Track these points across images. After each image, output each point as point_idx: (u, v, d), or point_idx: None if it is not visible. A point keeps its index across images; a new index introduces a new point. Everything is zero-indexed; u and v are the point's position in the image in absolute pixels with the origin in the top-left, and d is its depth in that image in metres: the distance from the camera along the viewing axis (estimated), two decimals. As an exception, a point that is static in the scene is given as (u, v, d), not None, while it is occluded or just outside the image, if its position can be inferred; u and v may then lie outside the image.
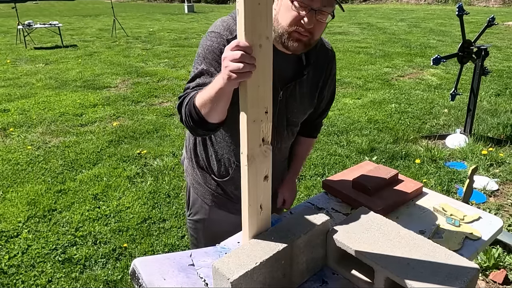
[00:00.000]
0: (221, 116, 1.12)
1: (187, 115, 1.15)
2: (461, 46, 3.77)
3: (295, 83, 1.28)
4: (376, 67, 7.44)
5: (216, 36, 1.19)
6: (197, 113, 1.11)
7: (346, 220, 1.15)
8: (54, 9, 26.37)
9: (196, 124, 1.14)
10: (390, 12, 18.68)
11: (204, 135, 1.31)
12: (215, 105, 1.06)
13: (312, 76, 1.32)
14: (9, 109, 5.27)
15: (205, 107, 1.09)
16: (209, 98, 1.05)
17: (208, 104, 1.07)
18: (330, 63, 1.37)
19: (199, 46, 1.24)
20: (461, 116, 4.68)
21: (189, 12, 21.50)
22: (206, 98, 1.07)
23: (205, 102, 1.08)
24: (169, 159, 3.76)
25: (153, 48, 9.98)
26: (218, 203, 1.47)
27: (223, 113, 1.10)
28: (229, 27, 1.19)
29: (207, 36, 1.22)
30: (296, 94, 1.30)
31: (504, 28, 11.84)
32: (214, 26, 1.23)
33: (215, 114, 1.09)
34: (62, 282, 2.27)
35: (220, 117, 1.12)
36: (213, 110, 1.08)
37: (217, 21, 1.24)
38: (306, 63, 1.29)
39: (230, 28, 1.19)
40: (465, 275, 0.93)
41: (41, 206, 3.00)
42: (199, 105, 1.10)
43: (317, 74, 1.34)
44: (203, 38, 1.24)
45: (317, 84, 1.36)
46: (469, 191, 1.75)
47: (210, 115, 1.10)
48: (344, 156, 3.79)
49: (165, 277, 1.03)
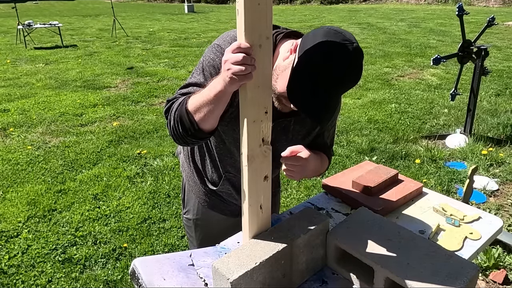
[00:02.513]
0: (214, 123, 1.07)
1: (176, 120, 1.09)
2: (461, 46, 3.77)
3: (291, 119, 1.22)
4: (376, 67, 7.44)
5: (220, 51, 1.14)
6: (189, 118, 1.06)
7: (346, 220, 1.16)
8: (54, 9, 26.38)
9: (186, 130, 1.08)
10: (390, 12, 18.68)
11: (190, 145, 1.21)
12: (211, 109, 1.01)
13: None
14: (9, 109, 5.27)
15: (199, 112, 1.04)
16: (205, 101, 1.01)
17: (204, 108, 1.03)
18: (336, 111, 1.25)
19: (204, 53, 1.20)
20: (461, 116, 4.68)
21: (189, 12, 21.50)
22: (202, 102, 1.02)
23: (200, 106, 1.03)
24: (169, 159, 3.76)
25: (153, 48, 9.98)
26: (211, 204, 1.46)
27: (217, 118, 1.06)
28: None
29: (211, 49, 1.17)
30: (290, 130, 1.24)
31: (504, 28, 11.84)
32: (222, 39, 1.17)
33: (210, 119, 1.04)
34: (62, 282, 2.27)
35: (213, 124, 1.07)
36: (209, 115, 1.03)
37: (226, 35, 1.18)
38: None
39: None
40: (465, 275, 0.93)
41: (41, 206, 3.00)
42: (192, 109, 1.05)
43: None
44: (209, 48, 1.19)
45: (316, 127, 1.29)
46: (469, 191, 1.76)
47: (204, 121, 1.05)
48: (344, 156, 3.79)
49: (165, 277, 1.03)
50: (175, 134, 1.13)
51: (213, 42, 1.19)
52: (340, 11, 19.27)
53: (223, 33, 1.21)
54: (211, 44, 1.19)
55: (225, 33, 1.20)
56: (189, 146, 1.30)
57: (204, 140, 1.14)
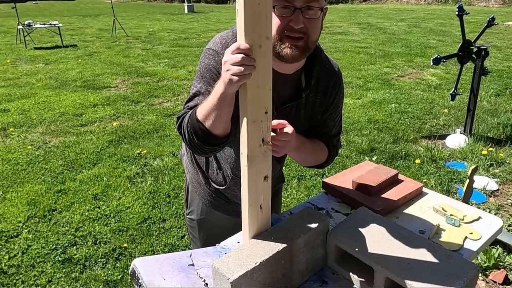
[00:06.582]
0: (225, 127, 1.08)
1: (191, 132, 1.11)
2: (461, 46, 3.77)
3: (292, 106, 1.22)
4: (376, 67, 7.44)
5: (213, 54, 1.16)
6: (200, 127, 1.07)
7: (346, 220, 1.16)
8: (54, 9, 26.37)
9: (201, 140, 1.10)
10: (390, 12, 18.68)
11: (211, 152, 1.21)
12: (218, 113, 1.02)
13: (312, 99, 1.25)
14: (9, 109, 5.27)
15: (208, 119, 1.05)
16: (211, 107, 1.02)
17: (211, 114, 1.03)
18: (334, 88, 1.27)
19: (199, 61, 1.21)
20: (461, 116, 4.68)
21: (189, 12, 21.50)
22: (209, 108, 1.03)
23: (208, 113, 1.04)
24: (169, 159, 3.76)
25: (153, 48, 9.98)
26: (216, 204, 1.47)
27: (227, 122, 1.06)
28: (227, 45, 1.14)
29: (205, 54, 1.19)
30: (292, 117, 1.23)
31: (504, 28, 11.84)
32: (212, 42, 1.19)
33: (219, 124, 1.05)
34: (62, 282, 2.27)
35: (225, 128, 1.08)
36: (217, 120, 1.04)
37: (216, 37, 1.20)
38: (306, 85, 1.22)
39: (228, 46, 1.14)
40: (465, 275, 0.93)
41: (41, 206, 3.00)
42: (201, 118, 1.07)
43: (319, 98, 1.26)
44: (202, 54, 1.20)
45: (318, 109, 1.28)
46: (469, 191, 1.76)
47: (214, 126, 1.06)
48: (344, 156, 3.79)
49: (165, 277, 1.03)
50: (193, 146, 1.14)
51: (205, 47, 1.21)
52: (340, 11, 19.27)
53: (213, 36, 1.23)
54: (204, 50, 1.21)
55: (215, 36, 1.21)
56: (209, 154, 1.30)
57: (223, 145, 1.14)
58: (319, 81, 1.24)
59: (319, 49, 1.23)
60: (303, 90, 1.23)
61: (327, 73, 1.26)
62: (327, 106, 1.29)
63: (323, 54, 1.26)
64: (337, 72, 1.29)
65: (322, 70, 1.24)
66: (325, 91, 1.26)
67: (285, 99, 1.22)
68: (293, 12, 1.02)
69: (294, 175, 3.43)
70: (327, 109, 1.30)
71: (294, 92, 1.23)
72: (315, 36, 1.09)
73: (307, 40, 1.07)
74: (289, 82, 1.21)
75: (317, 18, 1.06)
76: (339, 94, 1.31)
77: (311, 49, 1.12)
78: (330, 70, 1.27)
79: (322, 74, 1.25)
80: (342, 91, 1.32)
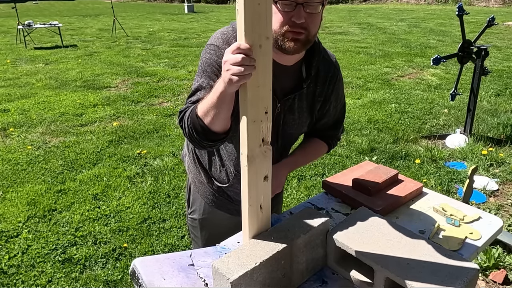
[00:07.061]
0: (225, 124, 1.10)
1: (190, 127, 1.13)
2: (461, 46, 3.77)
3: (294, 96, 1.25)
4: (376, 67, 7.44)
5: (215, 49, 1.18)
6: (200, 123, 1.10)
7: (346, 220, 1.16)
8: (54, 9, 26.37)
9: (200, 135, 1.12)
10: (390, 12, 18.68)
11: (210, 148, 1.24)
12: (218, 111, 1.04)
13: (312, 89, 1.29)
14: (9, 109, 5.27)
15: (207, 115, 1.07)
16: (211, 104, 1.04)
17: (211, 111, 1.06)
18: (332, 78, 1.32)
19: (200, 57, 1.23)
20: (461, 116, 4.68)
21: (189, 12, 21.49)
22: (208, 106, 1.05)
23: (208, 110, 1.06)
24: (169, 159, 3.76)
25: (153, 48, 9.98)
26: (218, 203, 1.47)
27: (226, 120, 1.08)
28: (228, 40, 1.17)
29: (206, 49, 1.21)
30: (295, 108, 1.27)
31: (504, 28, 11.84)
32: (213, 38, 1.21)
33: (218, 121, 1.07)
34: (62, 282, 2.27)
35: (224, 125, 1.10)
36: (216, 117, 1.06)
37: (216, 33, 1.22)
38: (306, 76, 1.26)
39: (229, 41, 1.17)
40: (465, 275, 0.93)
41: (41, 206, 3.00)
42: (201, 114, 1.09)
43: (318, 87, 1.30)
44: (203, 50, 1.23)
45: (317, 98, 1.32)
46: (469, 191, 1.76)
47: (213, 123, 1.08)
48: (344, 156, 3.79)
49: (165, 277, 1.03)
50: (193, 140, 1.17)
51: (206, 43, 1.23)
52: (340, 11, 19.27)
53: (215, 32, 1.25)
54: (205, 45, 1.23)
55: (216, 32, 1.23)
56: (208, 149, 1.33)
57: (222, 141, 1.16)
58: (318, 71, 1.28)
59: (318, 41, 1.26)
60: (304, 80, 1.26)
61: (326, 63, 1.30)
62: (326, 96, 1.33)
63: (321, 45, 1.30)
64: (335, 63, 1.34)
65: (322, 60, 1.29)
66: (324, 81, 1.31)
67: (287, 90, 1.25)
68: (295, 7, 1.05)
69: (294, 175, 3.43)
70: (327, 99, 1.34)
71: (296, 83, 1.26)
72: (315, 29, 1.13)
73: (308, 34, 1.10)
74: (290, 73, 1.24)
75: (318, 13, 1.10)
76: (338, 83, 1.35)
77: (312, 42, 1.16)
78: (329, 61, 1.32)
79: (321, 65, 1.29)
80: (341, 81, 1.37)
